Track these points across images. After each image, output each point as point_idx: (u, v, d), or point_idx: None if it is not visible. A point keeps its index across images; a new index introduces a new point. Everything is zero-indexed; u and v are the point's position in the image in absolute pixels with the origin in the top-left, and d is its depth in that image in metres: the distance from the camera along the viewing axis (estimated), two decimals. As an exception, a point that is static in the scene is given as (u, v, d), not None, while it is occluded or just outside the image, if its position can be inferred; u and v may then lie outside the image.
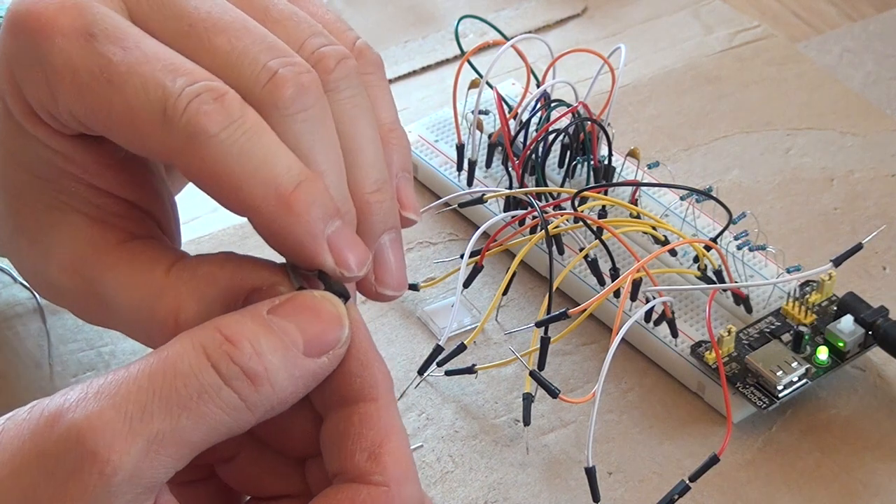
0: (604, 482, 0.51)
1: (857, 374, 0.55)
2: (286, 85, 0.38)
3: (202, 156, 0.38)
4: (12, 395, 0.53)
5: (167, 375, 0.36)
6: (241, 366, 0.36)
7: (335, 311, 0.38)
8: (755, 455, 0.53)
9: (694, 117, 0.68)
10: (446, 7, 0.74)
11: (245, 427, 0.37)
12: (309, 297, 0.39)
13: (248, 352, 0.37)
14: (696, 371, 0.54)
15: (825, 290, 0.56)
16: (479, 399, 0.54)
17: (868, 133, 0.67)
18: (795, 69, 0.70)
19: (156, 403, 0.35)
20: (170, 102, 0.38)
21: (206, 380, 0.36)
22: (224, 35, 0.39)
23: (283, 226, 0.38)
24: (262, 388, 0.37)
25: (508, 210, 0.58)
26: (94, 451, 0.35)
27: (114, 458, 0.35)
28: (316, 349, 0.38)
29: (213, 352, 0.36)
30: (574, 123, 0.59)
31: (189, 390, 0.36)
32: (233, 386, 0.36)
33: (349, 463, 0.38)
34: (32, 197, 0.43)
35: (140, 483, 0.35)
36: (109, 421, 0.35)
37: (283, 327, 0.37)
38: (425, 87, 0.69)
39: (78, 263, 0.42)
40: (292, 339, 0.37)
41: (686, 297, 0.56)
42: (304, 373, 0.37)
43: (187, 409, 0.36)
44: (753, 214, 0.59)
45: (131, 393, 0.36)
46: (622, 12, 0.74)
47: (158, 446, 0.35)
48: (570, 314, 0.50)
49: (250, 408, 0.37)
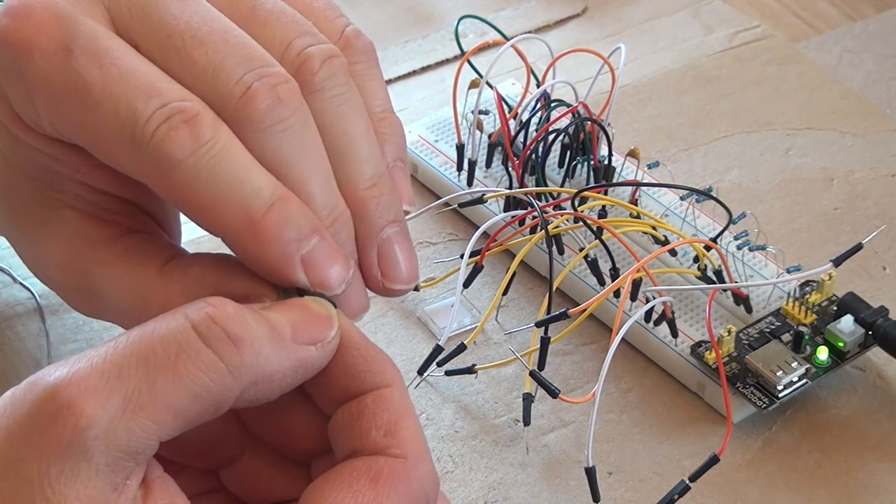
0: (604, 482, 0.51)
1: (857, 374, 0.55)
2: (260, 98, 0.38)
3: (171, 180, 0.38)
4: (12, 395, 0.53)
5: (145, 338, 0.36)
6: (222, 326, 0.36)
7: (324, 310, 0.39)
8: (755, 455, 0.53)
9: (694, 117, 0.68)
10: (446, 7, 0.74)
11: (229, 396, 0.36)
12: (300, 299, 0.39)
13: (231, 315, 0.36)
14: (696, 371, 0.54)
15: (825, 290, 0.56)
16: (479, 399, 0.54)
17: (868, 133, 0.67)
18: (795, 69, 0.70)
19: (133, 363, 0.35)
20: (138, 127, 0.38)
21: (184, 339, 0.35)
22: (201, 47, 0.39)
23: (254, 249, 0.38)
24: (244, 351, 0.36)
25: (508, 210, 0.58)
26: (68, 403, 0.34)
27: (87, 410, 0.34)
28: (304, 338, 0.37)
29: (195, 314, 0.36)
30: (574, 123, 0.59)
31: (167, 350, 0.35)
32: (213, 347, 0.36)
33: (365, 440, 0.37)
34: (27, 196, 0.43)
35: (118, 445, 0.34)
36: (84, 377, 0.35)
37: (271, 316, 0.37)
38: (425, 87, 0.69)
39: (72, 259, 0.42)
40: (280, 324, 0.37)
41: (686, 297, 0.56)
42: (292, 356, 0.37)
43: (165, 368, 0.35)
44: (753, 214, 0.59)
45: (109, 355, 0.35)
46: (622, 12, 0.74)
47: (136, 405, 0.34)
48: (570, 314, 0.50)
49: (232, 372, 0.36)
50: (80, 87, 0.39)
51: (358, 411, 0.38)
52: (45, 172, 0.42)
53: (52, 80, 0.39)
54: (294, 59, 0.40)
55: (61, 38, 0.39)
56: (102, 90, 0.38)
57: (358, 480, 0.37)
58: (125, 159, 0.39)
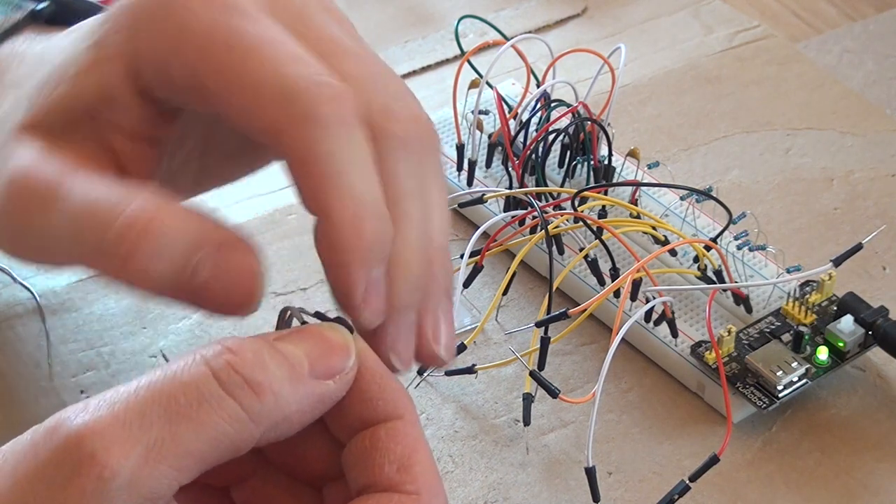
0: (604, 482, 0.51)
1: (857, 374, 0.55)
2: (404, 122, 0.39)
3: (309, 142, 0.38)
4: (12, 395, 0.53)
5: (167, 385, 0.36)
6: (242, 375, 0.36)
7: (341, 339, 0.38)
8: (755, 455, 0.53)
9: (694, 117, 0.68)
10: (446, 7, 0.74)
11: (250, 441, 0.36)
12: (315, 326, 0.39)
13: (250, 361, 0.36)
14: (696, 371, 0.54)
15: (825, 290, 0.56)
16: (479, 399, 0.54)
17: (868, 133, 0.67)
18: (795, 69, 0.70)
19: (155, 411, 0.35)
20: (296, 81, 0.38)
21: (206, 388, 0.36)
22: (356, 59, 0.40)
23: (346, 245, 0.38)
24: (264, 398, 0.36)
25: (508, 210, 0.58)
26: (92, 454, 0.34)
27: (112, 461, 0.34)
28: (322, 372, 0.37)
29: (215, 361, 0.36)
30: (574, 123, 0.59)
31: (189, 398, 0.35)
32: (234, 395, 0.36)
33: (378, 475, 0.37)
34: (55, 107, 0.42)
35: (140, 492, 0.35)
36: (108, 426, 0.35)
37: (288, 350, 0.37)
38: (425, 87, 0.69)
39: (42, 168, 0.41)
40: (297, 359, 0.37)
41: (686, 297, 0.56)
42: (310, 393, 0.37)
43: (187, 417, 0.35)
44: (753, 214, 0.59)
45: (130, 402, 0.35)
46: (622, 12, 0.74)
47: (158, 454, 0.35)
48: (570, 314, 0.50)
49: (253, 419, 0.36)
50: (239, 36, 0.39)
51: (371, 444, 0.38)
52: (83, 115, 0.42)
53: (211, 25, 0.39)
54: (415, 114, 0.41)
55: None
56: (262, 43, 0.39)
57: None
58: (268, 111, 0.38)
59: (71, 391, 0.53)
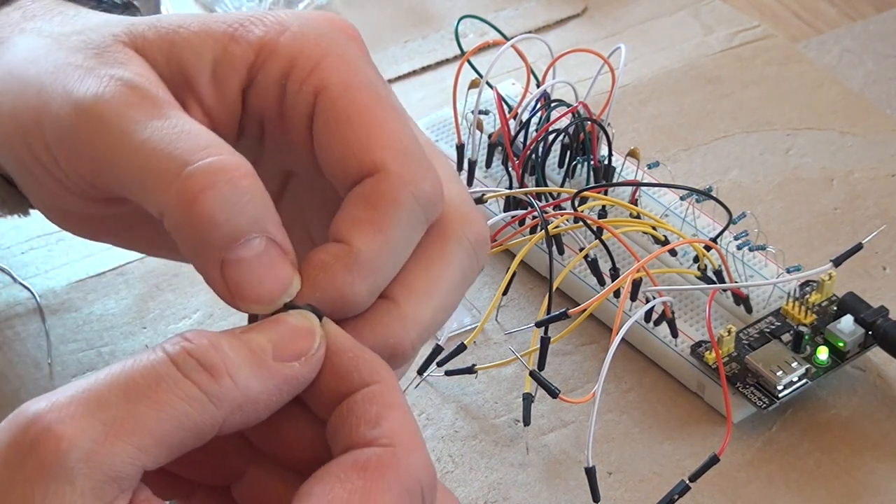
0: (604, 482, 0.51)
1: (857, 374, 0.55)
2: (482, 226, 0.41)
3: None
4: (12, 395, 0.53)
5: (125, 371, 0.36)
6: (197, 358, 0.36)
7: (306, 323, 0.38)
8: (755, 455, 0.53)
9: (694, 117, 0.68)
10: (446, 7, 0.74)
11: (213, 423, 0.37)
12: (281, 315, 0.39)
13: (204, 346, 0.37)
14: (696, 371, 0.54)
15: (825, 290, 0.56)
16: (479, 399, 0.54)
17: (868, 133, 0.67)
18: (795, 69, 0.70)
19: (113, 393, 0.35)
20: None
21: (162, 370, 0.36)
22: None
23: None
24: (222, 380, 0.36)
25: (508, 210, 0.58)
26: (48, 426, 0.35)
27: (68, 433, 0.34)
28: (287, 355, 0.38)
29: (171, 348, 0.37)
30: (574, 123, 0.59)
31: (147, 380, 0.36)
32: (190, 376, 0.36)
33: (355, 436, 0.37)
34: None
35: (101, 469, 0.35)
36: (65, 405, 0.35)
37: (249, 337, 0.38)
38: (425, 87, 0.69)
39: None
40: (259, 345, 0.37)
41: (686, 297, 0.56)
42: (275, 374, 0.37)
43: (145, 396, 0.36)
44: (753, 214, 0.59)
45: (90, 386, 0.36)
46: (622, 12, 0.74)
47: (118, 430, 0.35)
48: (570, 314, 0.50)
49: (213, 401, 0.36)
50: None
51: (348, 410, 0.38)
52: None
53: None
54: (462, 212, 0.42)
55: None
56: None
57: (346, 472, 0.37)
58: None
59: (71, 391, 0.53)
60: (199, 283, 0.57)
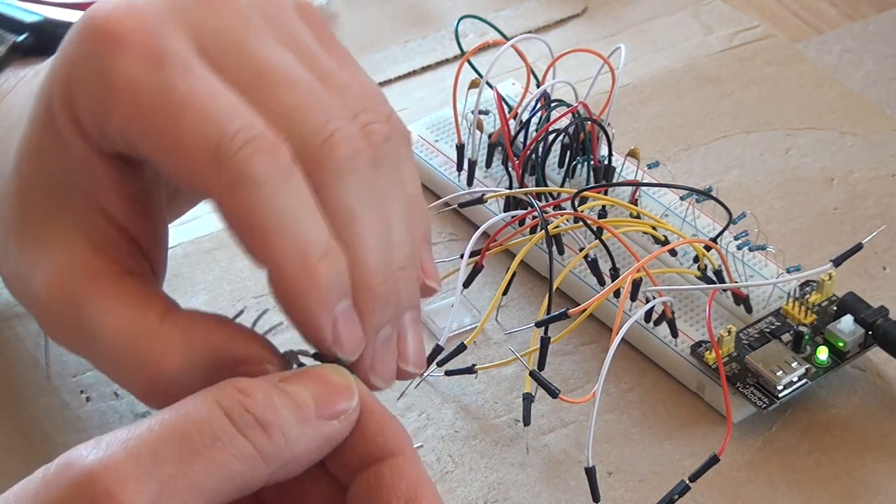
0: (604, 482, 0.51)
1: (857, 374, 0.55)
2: (342, 146, 0.39)
3: (243, 200, 0.38)
4: (12, 394, 0.53)
5: (180, 423, 0.36)
6: (254, 414, 0.37)
7: (344, 381, 0.39)
8: (755, 455, 0.53)
9: (694, 117, 0.68)
10: (446, 7, 0.74)
11: (260, 480, 0.37)
12: (318, 369, 0.39)
13: (260, 402, 0.37)
14: (696, 371, 0.54)
15: (825, 290, 0.56)
16: (479, 399, 0.54)
17: (868, 133, 0.67)
18: (795, 69, 0.70)
19: (168, 448, 0.35)
20: (224, 141, 0.38)
21: (219, 427, 0.36)
22: (290, 88, 0.39)
23: (301, 291, 0.38)
24: (274, 437, 0.37)
25: (508, 210, 0.58)
26: (107, 489, 0.34)
27: (127, 497, 0.34)
28: (327, 413, 0.38)
29: (227, 401, 0.37)
30: (574, 123, 0.59)
31: (203, 437, 0.36)
32: (246, 434, 0.36)
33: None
34: (41, 202, 0.43)
35: None
36: (122, 463, 0.35)
37: (294, 391, 0.38)
38: (425, 87, 0.69)
39: (67, 282, 0.42)
40: (304, 400, 0.38)
41: (686, 297, 0.56)
42: (317, 433, 0.38)
43: (200, 455, 0.36)
44: (753, 214, 0.59)
45: (143, 440, 0.36)
46: (622, 12, 0.74)
47: (172, 490, 0.35)
48: (570, 314, 0.50)
49: (264, 458, 0.37)
50: (166, 94, 0.39)
51: (376, 482, 0.38)
52: (67, 187, 0.42)
53: (138, 84, 0.39)
54: (360, 128, 0.40)
55: (152, 46, 0.39)
56: (189, 102, 0.38)
57: None
58: (199, 173, 0.38)
59: (71, 391, 0.53)
60: (200, 283, 0.57)
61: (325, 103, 0.40)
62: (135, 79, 0.39)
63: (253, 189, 0.38)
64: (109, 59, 0.39)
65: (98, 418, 0.52)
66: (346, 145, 0.39)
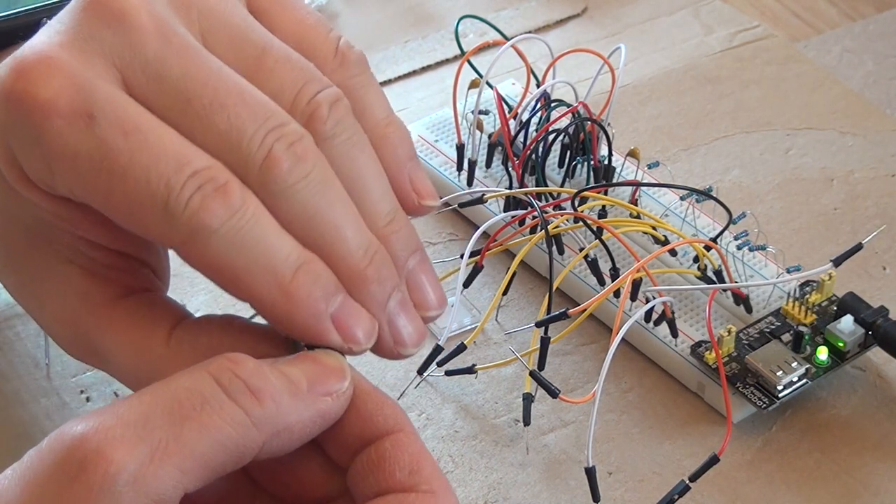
0: (604, 482, 0.51)
1: (857, 374, 0.55)
2: (281, 161, 0.38)
3: (203, 249, 0.38)
4: (12, 394, 0.53)
5: (169, 391, 0.36)
6: (244, 380, 0.37)
7: (336, 362, 0.39)
8: (755, 455, 0.53)
9: (694, 117, 0.68)
10: (446, 7, 0.74)
11: (253, 447, 0.37)
12: (310, 353, 0.39)
13: (250, 369, 0.37)
14: (696, 371, 0.54)
15: (825, 290, 0.56)
16: (479, 399, 0.54)
17: (868, 133, 0.67)
18: (795, 69, 0.70)
19: (159, 414, 0.36)
20: (172, 196, 0.38)
21: (208, 391, 0.36)
22: (222, 112, 0.39)
23: (286, 312, 0.39)
24: (265, 403, 0.37)
25: (508, 210, 0.58)
26: (97, 449, 0.35)
27: (117, 457, 0.34)
28: (320, 391, 0.38)
29: (216, 368, 0.37)
30: (574, 123, 0.59)
31: (192, 401, 0.36)
32: (236, 399, 0.36)
33: (391, 481, 0.38)
34: (22, 248, 0.43)
35: (146, 491, 0.35)
36: (112, 427, 0.35)
37: (286, 370, 0.38)
38: (425, 87, 0.69)
39: (72, 317, 0.42)
40: (295, 376, 0.38)
41: (686, 297, 0.56)
42: (310, 406, 0.38)
43: (190, 419, 0.36)
44: (753, 214, 0.59)
45: (133, 406, 0.36)
46: (622, 12, 0.74)
47: (163, 453, 0.35)
48: (570, 314, 0.50)
49: (255, 424, 0.37)
50: (105, 155, 0.38)
51: (378, 456, 0.39)
52: (44, 227, 0.42)
53: (73, 147, 0.38)
54: (304, 108, 0.40)
55: (81, 103, 0.38)
56: (130, 159, 0.38)
57: None
58: (153, 227, 0.38)
59: (71, 391, 0.53)
60: (199, 284, 0.57)
61: (257, 114, 0.39)
62: (70, 145, 0.38)
63: (211, 237, 0.38)
64: (41, 128, 0.38)
65: (98, 418, 0.52)
66: (285, 158, 0.39)
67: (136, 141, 0.38)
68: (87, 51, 0.39)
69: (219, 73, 0.39)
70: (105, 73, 0.39)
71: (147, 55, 0.39)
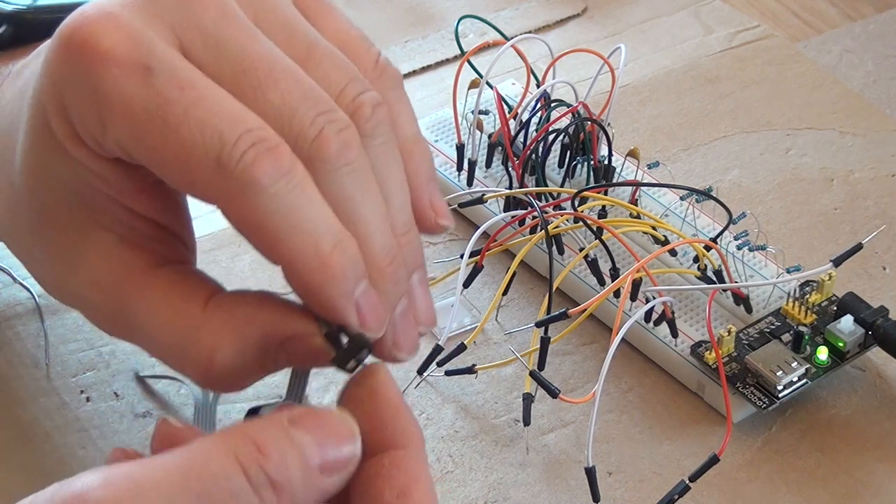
0: (604, 482, 0.51)
1: (857, 374, 0.55)
2: (332, 141, 0.39)
3: (251, 206, 0.38)
4: (12, 395, 0.53)
5: (196, 473, 0.36)
6: (268, 475, 0.37)
7: (348, 428, 0.39)
8: (755, 455, 0.53)
9: (694, 117, 0.68)
10: (446, 7, 0.74)
11: None
12: (325, 414, 0.39)
13: (276, 462, 0.37)
14: (696, 371, 0.54)
15: (825, 290, 0.56)
16: (479, 399, 0.54)
17: (868, 133, 0.67)
18: (795, 69, 0.70)
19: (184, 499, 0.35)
20: (225, 150, 0.38)
21: (236, 484, 0.36)
22: (276, 87, 0.39)
23: (318, 283, 0.39)
24: (283, 497, 0.37)
25: (508, 210, 0.58)
26: None
27: None
28: (330, 467, 0.38)
29: (245, 458, 0.37)
30: (574, 123, 0.59)
31: (221, 492, 0.36)
32: (260, 493, 0.36)
33: (378, 501, 0.38)
34: (62, 212, 0.43)
35: None
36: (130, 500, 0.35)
37: (302, 442, 0.38)
38: (425, 87, 0.69)
39: (109, 283, 0.42)
40: (310, 455, 0.38)
41: (686, 297, 0.56)
42: (317, 489, 0.38)
43: None
44: (753, 214, 0.59)
45: (160, 485, 0.35)
46: (622, 12, 0.74)
47: None
48: (570, 314, 0.50)
49: None
50: (160, 106, 0.38)
51: (374, 472, 0.39)
52: (87, 192, 0.42)
53: (130, 98, 0.39)
54: (349, 104, 0.40)
55: (139, 56, 0.39)
56: (185, 112, 0.38)
57: None
58: (203, 182, 0.38)
59: (71, 391, 0.53)
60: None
61: (310, 95, 0.40)
62: (126, 94, 0.39)
63: (260, 194, 0.38)
64: (98, 77, 0.39)
65: (98, 418, 0.52)
66: (335, 141, 0.39)
67: (192, 96, 0.38)
68: (148, 12, 0.40)
69: (273, 51, 0.40)
70: (164, 33, 0.40)
71: (206, 23, 0.40)
